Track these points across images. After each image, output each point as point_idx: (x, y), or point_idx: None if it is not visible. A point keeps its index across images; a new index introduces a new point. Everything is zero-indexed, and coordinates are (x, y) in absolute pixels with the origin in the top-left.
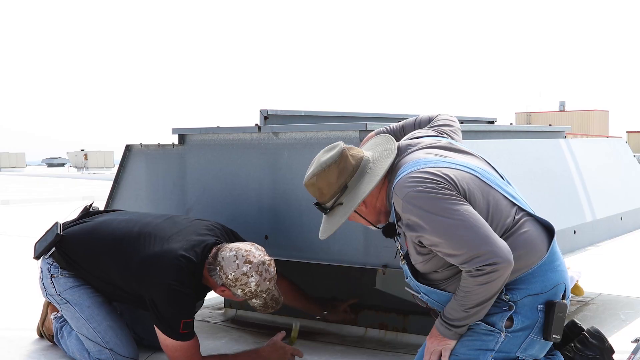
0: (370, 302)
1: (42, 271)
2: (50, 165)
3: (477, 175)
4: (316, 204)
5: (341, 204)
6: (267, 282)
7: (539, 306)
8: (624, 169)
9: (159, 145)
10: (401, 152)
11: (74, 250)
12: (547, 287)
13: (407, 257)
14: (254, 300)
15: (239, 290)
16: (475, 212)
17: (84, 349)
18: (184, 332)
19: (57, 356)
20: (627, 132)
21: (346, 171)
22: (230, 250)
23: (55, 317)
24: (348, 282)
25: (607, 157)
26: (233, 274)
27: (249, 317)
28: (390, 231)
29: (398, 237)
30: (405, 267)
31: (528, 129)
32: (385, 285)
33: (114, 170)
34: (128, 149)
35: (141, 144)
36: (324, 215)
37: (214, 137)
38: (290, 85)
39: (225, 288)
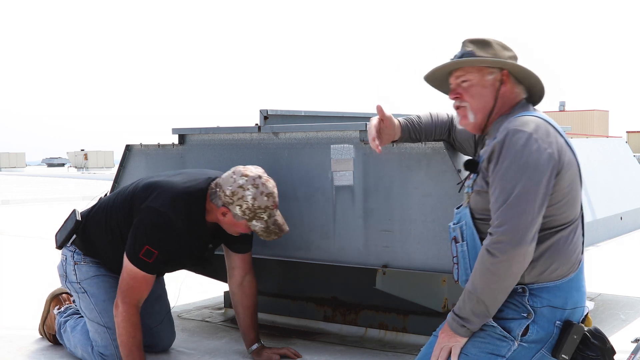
0: (370, 302)
1: (65, 258)
2: (50, 165)
3: (579, 166)
4: (463, 53)
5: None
6: (265, 198)
7: (557, 322)
8: (624, 169)
9: (159, 145)
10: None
11: (90, 226)
12: (567, 305)
13: (471, 200)
14: (254, 222)
15: (237, 208)
16: (543, 200)
17: (88, 344)
18: (143, 258)
19: (57, 356)
20: (627, 132)
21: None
22: (229, 170)
23: (59, 312)
24: (348, 282)
25: (607, 157)
26: (230, 188)
27: None
28: (472, 166)
29: (474, 175)
30: (466, 212)
31: None
32: (385, 285)
33: (114, 170)
34: (128, 149)
35: (141, 144)
36: (449, 60)
37: (214, 137)
38: (290, 85)
39: (225, 210)
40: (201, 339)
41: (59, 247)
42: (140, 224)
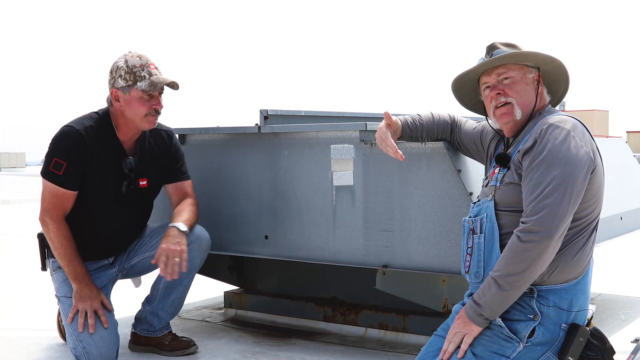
0: (370, 302)
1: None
2: None
3: (603, 171)
4: (499, 53)
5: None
6: (137, 58)
7: (563, 325)
8: (624, 169)
9: None
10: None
11: None
12: (573, 307)
13: (496, 193)
14: (138, 83)
15: (119, 79)
16: (577, 196)
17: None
18: (53, 170)
19: (56, 357)
20: (627, 132)
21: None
22: None
23: None
24: (348, 282)
25: (607, 157)
26: (109, 74)
27: (249, 317)
28: (503, 160)
29: (504, 170)
30: (489, 205)
31: None
32: (385, 285)
33: None
34: None
35: None
36: (479, 62)
37: (214, 137)
38: (290, 85)
39: (114, 90)
40: (201, 339)
41: (42, 268)
42: (49, 144)
